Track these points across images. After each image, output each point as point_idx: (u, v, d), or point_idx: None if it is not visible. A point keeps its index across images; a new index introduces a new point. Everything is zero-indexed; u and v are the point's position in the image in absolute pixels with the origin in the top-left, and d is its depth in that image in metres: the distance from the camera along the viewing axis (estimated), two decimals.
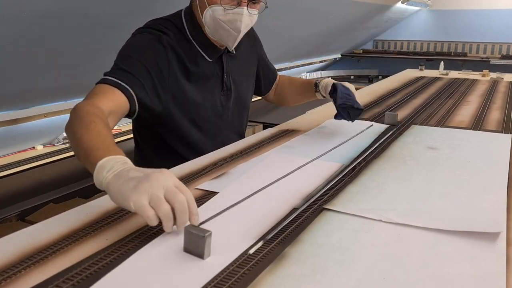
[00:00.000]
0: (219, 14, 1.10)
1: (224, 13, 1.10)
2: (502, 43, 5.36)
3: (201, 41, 1.17)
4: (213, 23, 1.12)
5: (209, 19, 1.12)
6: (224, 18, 1.10)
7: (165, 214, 0.64)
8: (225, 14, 1.10)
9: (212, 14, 1.10)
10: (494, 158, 1.10)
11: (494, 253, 0.65)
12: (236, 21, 1.11)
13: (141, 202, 0.63)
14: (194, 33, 1.16)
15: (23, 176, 2.15)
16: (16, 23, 1.56)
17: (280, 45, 3.88)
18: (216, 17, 1.10)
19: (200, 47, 1.17)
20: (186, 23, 1.17)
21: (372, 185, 0.91)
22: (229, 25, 1.11)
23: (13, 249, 0.64)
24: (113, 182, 0.68)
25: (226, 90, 1.24)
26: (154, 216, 0.64)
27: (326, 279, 0.58)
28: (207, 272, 0.59)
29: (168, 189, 0.65)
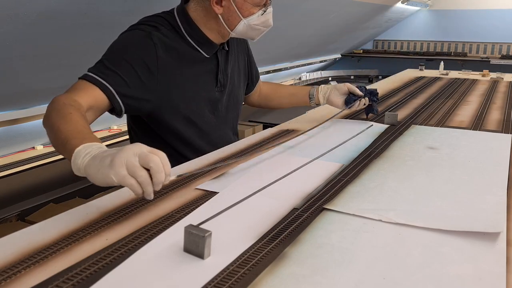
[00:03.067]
0: (254, 20, 1.16)
1: (257, 18, 1.16)
2: (502, 43, 5.36)
3: (198, 38, 1.18)
4: (246, 29, 1.18)
5: (243, 28, 1.17)
6: (258, 21, 1.17)
7: (143, 179, 0.67)
8: (258, 18, 1.17)
9: (247, 23, 1.16)
10: (494, 158, 1.10)
11: (494, 254, 0.65)
12: (269, 20, 1.19)
13: (121, 174, 0.66)
14: (190, 30, 1.17)
15: (23, 176, 2.15)
16: (16, 23, 1.56)
17: (280, 45, 3.88)
18: (251, 24, 1.17)
19: (196, 43, 1.18)
20: (180, 21, 1.17)
21: (372, 185, 0.91)
22: (262, 25, 1.19)
23: (13, 249, 0.64)
24: (90, 164, 0.71)
25: (220, 86, 1.25)
26: (136, 184, 0.67)
27: (326, 279, 0.58)
28: (207, 272, 0.59)
29: (141, 154, 0.68)
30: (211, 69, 1.22)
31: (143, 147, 0.69)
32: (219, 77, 1.24)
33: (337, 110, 1.46)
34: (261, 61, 4.01)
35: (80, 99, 0.96)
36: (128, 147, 0.69)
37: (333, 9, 3.85)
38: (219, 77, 1.24)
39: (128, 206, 0.80)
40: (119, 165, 0.67)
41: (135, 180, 0.67)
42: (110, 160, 0.68)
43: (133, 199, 0.82)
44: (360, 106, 1.44)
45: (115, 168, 0.67)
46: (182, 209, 0.79)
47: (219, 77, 1.24)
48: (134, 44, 1.10)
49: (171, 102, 1.15)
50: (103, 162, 0.68)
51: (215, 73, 1.23)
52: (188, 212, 0.77)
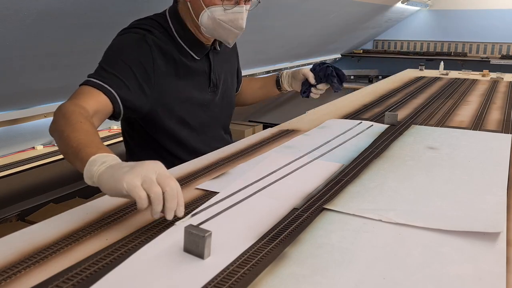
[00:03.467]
0: (219, 14, 1.10)
1: (224, 13, 1.10)
2: (502, 43, 5.35)
3: (188, 40, 1.18)
4: (212, 24, 1.12)
5: (207, 20, 1.12)
6: (225, 17, 1.11)
7: (156, 195, 0.65)
8: (225, 14, 1.10)
9: (210, 15, 1.11)
10: (494, 158, 1.10)
11: (494, 254, 0.65)
12: (237, 19, 1.12)
13: (134, 183, 0.65)
14: (181, 31, 1.17)
15: (23, 176, 2.15)
16: (16, 23, 1.56)
17: (280, 45, 3.88)
18: (216, 18, 1.11)
19: (187, 45, 1.17)
20: (172, 22, 1.17)
21: (372, 185, 0.91)
22: (230, 24, 1.12)
23: (13, 249, 0.64)
24: (106, 172, 0.70)
25: (213, 87, 1.25)
26: (145, 197, 0.65)
27: (326, 279, 0.58)
28: (207, 272, 0.59)
29: (161, 174, 0.67)
30: (204, 70, 1.22)
31: (163, 168, 0.69)
32: (211, 78, 1.24)
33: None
34: (261, 61, 4.01)
35: (86, 104, 0.96)
36: (150, 163, 0.68)
37: (333, 9, 3.85)
38: (211, 78, 1.24)
39: (128, 206, 0.80)
40: (135, 174, 0.66)
41: (145, 193, 0.65)
42: (127, 169, 0.67)
43: (133, 199, 0.82)
44: (318, 94, 1.38)
45: (130, 176, 0.65)
46: None
47: (211, 78, 1.24)
48: (130, 46, 1.09)
49: (165, 104, 1.15)
50: (120, 170, 0.68)
51: (208, 74, 1.23)
52: (188, 212, 0.77)
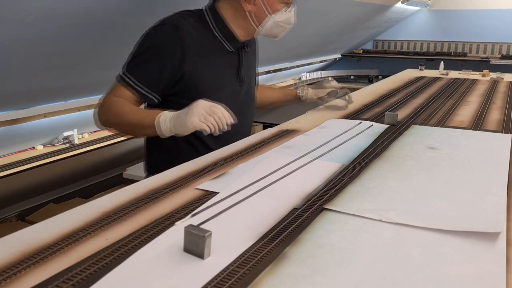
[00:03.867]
0: (279, 17, 1.26)
1: (282, 14, 1.26)
2: (502, 43, 5.35)
3: (224, 32, 1.27)
4: (272, 26, 1.27)
5: (270, 24, 1.27)
6: (282, 18, 1.27)
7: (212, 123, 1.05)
8: (282, 15, 1.26)
9: (274, 19, 1.26)
10: (494, 158, 1.10)
11: (494, 254, 0.65)
12: (291, 17, 1.29)
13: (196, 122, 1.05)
14: (218, 25, 1.27)
15: (23, 176, 2.15)
16: (16, 23, 1.56)
17: (280, 45, 3.88)
18: (277, 20, 1.26)
19: (223, 37, 1.27)
20: (210, 16, 1.27)
21: (372, 185, 0.91)
22: (285, 22, 1.28)
23: (13, 249, 0.64)
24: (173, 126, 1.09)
25: (240, 81, 1.33)
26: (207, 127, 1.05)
27: (326, 279, 0.58)
28: (207, 272, 0.59)
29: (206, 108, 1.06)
30: (234, 63, 1.31)
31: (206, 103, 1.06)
32: (240, 72, 1.32)
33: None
34: (261, 61, 4.00)
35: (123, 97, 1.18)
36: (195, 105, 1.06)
37: (333, 9, 3.85)
38: (240, 72, 1.32)
39: (128, 206, 0.80)
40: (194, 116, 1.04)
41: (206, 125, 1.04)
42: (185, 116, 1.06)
43: (133, 199, 0.82)
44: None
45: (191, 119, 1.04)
46: (182, 209, 0.79)
47: (240, 72, 1.32)
48: (162, 40, 1.19)
49: (195, 90, 1.23)
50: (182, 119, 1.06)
51: (237, 68, 1.32)
52: (188, 212, 0.77)
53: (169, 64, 1.19)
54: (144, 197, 0.84)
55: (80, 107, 2.43)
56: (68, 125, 2.48)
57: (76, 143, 2.50)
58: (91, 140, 2.58)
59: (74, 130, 2.50)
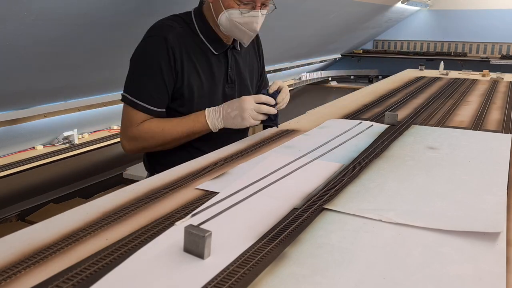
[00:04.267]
0: (236, 17, 1.18)
1: (240, 16, 1.18)
2: (502, 43, 5.35)
3: (209, 36, 1.25)
4: (230, 25, 1.20)
5: (225, 21, 1.20)
6: (241, 20, 1.18)
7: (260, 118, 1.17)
8: (241, 17, 1.18)
9: (228, 17, 1.18)
10: (494, 158, 1.10)
11: (494, 254, 0.65)
12: (252, 23, 1.20)
13: (250, 122, 1.16)
14: (202, 27, 1.25)
15: (23, 176, 2.15)
16: (16, 23, 1.56)
17: (280, 45, 3.88)
18: (233, 20, 1.18)
19: (208, 41, 1.25)
20: (195, 19, 1.25)
21: (372, 185, 0.91)
22: (245, 26, 1.19)
23: (13, 249, 0.64)
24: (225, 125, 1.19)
25: (230, 83, 1.31)
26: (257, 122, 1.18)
27: (326, 279, 0.58)
28: (207, 272, 0.59)
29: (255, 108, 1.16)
30: (222, 66, 1.29)
31: (252, 103, 1.15)
32: (229, 74, 1.30)
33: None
34: None
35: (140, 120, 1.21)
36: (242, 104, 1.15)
37: (333, 9, 3.85)
38: (229, 74, 1.30)
39: (128, 206, 0.80)
40: (248, 118, 1.15)
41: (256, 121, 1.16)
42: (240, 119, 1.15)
43: (133, 199, 0.82)
44: None
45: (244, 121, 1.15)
46: (182, 209, 0.79)
47: (229, 74, 1.30)
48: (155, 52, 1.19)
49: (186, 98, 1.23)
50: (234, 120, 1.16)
51: (225, 70, 1.29)
52: (188, 212, 0.77)
53: (169, 75, 1.20)
54: (144, 197, 0.84)
55: (80, 107, 2.43)
56: (68, 125, 2.48)
57: (76, 143, 2.50)
58: (91, 140, 2.58)
59: (74, 130, 2.50)
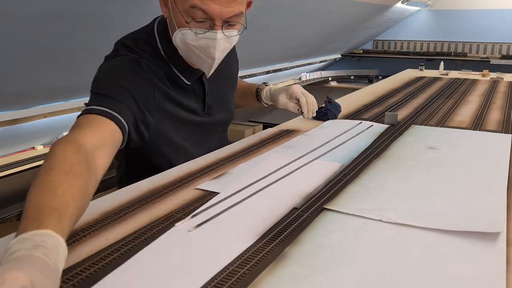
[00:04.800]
0: (190, 39, 0.97)
1: (195, 37, 0.96)
2: (502, 43, 5.36)
3: (178, 63, 1.05)
4: (185, 48, 0.99)
5: (179, 43, 0.99)
6: (196, 43, 0.97)
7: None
8: (196, 38, 0.96)
9: (182, 38, 0.97)
10: (494, 158, 1.10)
11: (494, 254, 0.65)
12: (209, 47, 0.97)
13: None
14: (169, 53, 1.04)
15: (23, 176, 2.15)
16: (16, 23, 1.56)
17: (280, 45, 3.88)
18: (187, 42, 0.97)
19: (178, 69, 1.05)
20: (160, 42, 1.04)
21: (372, 185, 0.91)
22: (202, 51, 0.98)
23: None
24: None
25: (207, 109, 1.14)
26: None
27: (326, 279, 0.58)
28: (207, 272, 0.59)
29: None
30: (197, 94, 1.11)
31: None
32: (206, 102, 1.13)
33: None
34: (261, 61, 4.01)
35: (85, 137, 0.78)
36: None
37: (333, 9, 3.85)
38: (206, 102, 1.13)
39: (128, 206, 0.80)
40: None
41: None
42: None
43: (133, 199, 0.82)
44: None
45: None
46: (182, 209, 0.79)
47: (206, 102, 1.13)
48: (127, 70, 0.98)
49: (164, 132, 1.05)
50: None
51: (202, 98, 1.12)
52: (188, 212, 0.77)
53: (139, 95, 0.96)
54: (144, 197, 0.84)
55: (80, 107, 2.43)
56: (68, 125, 2.45)
57: None
58: None
59: None
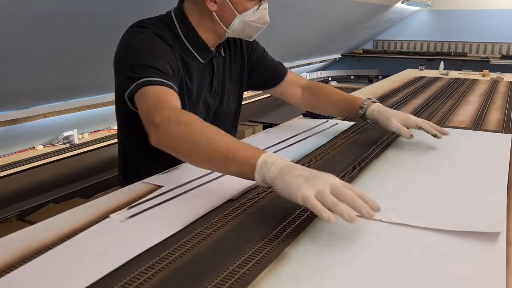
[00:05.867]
0: (249, 17, 1.13)
1: (253, 14, 1.13)
2: (502, 43, 5.36)
3: (195, 42, 1.15)
4: (243, 26, 1.14)
5: (238, 25, 1.13)
6: (254, 17, 1.13)
7: (330, 202, 0.67)
8: (253, 14, 1.13)
9: (243, 20, 1.12)
10: (494, 158, 1.10)
11: (494, 254, 0.65)
12: (264, 16, 1.15)
13: (308, 195, 0.68)
14: (187, 33, 1.15)
15: (23, 176, 2.15)
16: (16, 23, 1.56)
17: (280, 45, 3.88)
18: (247, 20, 1.13)
19: (194, 48, 1.15)
20: (178, 24, 1.15)
21: (372, 185, 0.91)
22: (258, 21, 1.14)
23: (13, 249, 0.64)
24: (279, 176, 0.72)
25: (214, 93, 1.22)
26: (321, 207, 0.67)
27: (326, 279, 0.58)
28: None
29: (334, 186, 0.70)
30: (207, 74, 1.20)
31: (337, 181, 0.71)
32: (213, 84, 1.21)
33: None
34: None
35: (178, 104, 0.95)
36: (323, 177, 0.71)
37: (333, 9, 3.85)
38: (213, 84, 1.21)
39: (128, 206, 0.80)
40: (310, 188, 0.69)
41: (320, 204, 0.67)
42: (303, 180, 0.70)
43: (133, 199, 0.82)
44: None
45: (305, 189, 0.69)
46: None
47: (213, 84, 1.21)
48: (159, 43, 1.06)
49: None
50: (295, 180, 0.71)
51: (210, 80, 1.21)
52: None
53: (172, 63, 1.05)
54: (144, 197, 0.84)
55: (80, 107, 2.43)
56: (68, 125, 2.48)
57: (76, 143, 2.50)
58: (91, 140, 2.58)
59: (74, 130, 2.50)
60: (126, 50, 1.06)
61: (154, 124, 0.87)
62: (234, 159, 0.77)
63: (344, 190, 0.69)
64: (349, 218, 0.65)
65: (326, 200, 0.67)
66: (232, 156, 0.78)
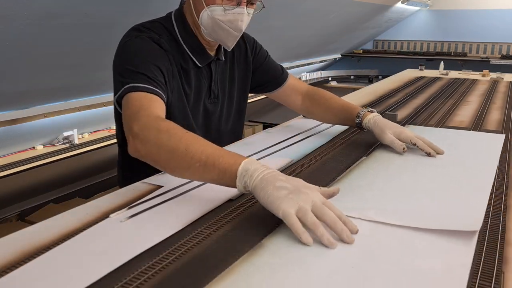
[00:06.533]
0: (218, 14, 1.07)
1: (223, 13, 1.07)
2: (502, 43, 5.36)
3: (193, 46, 1.14)
4: (211, 24, 1.09)
5: (206, 20, 1.08)
6: (224, 18, 1.07)
7: (311, 222, 0.66)
8: (224, 14, 1.07)
9: (210, 14, 1.07)
10: (484, 158, 1.11)
11: (464, 247, 0.66)
12: (237, 21, 1.08)
13: (289, 211, 0.67)
14: (185, 36, 1.14)
15: (23, 176, 2.15)
16: (16, 23, 1.56)
17: (280, 45, 3.88)
18: (215, 17, 1.07)
19: (191, 52, 1.14)
20: (177, 26, 1.14)
21: (361, 183, 0.92)
22: (229, 25, 1.08)
23: (13, 249, 0.64)
24: (261, 186, 0.71)
25: (213, 98, 1.21)
26: (301, 228, 0.66)
27: (301, 269, 0.60)
28: (122, 258, 0.60)
29: (316, 204, 0.69)
30: (205, 79, 1.18)
31: (319, 198, 0.70)
32: (212, 88, 1.20)
33: None
34: None
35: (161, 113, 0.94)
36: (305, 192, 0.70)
37: (333, 9, 3.85)
38: (212, 88, 1.20)
39: (128, 206, 0.80)
40: (292, 204, 0.68)
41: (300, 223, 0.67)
42: (284, 194, 0.69)
43: (133, 199, 0.82)
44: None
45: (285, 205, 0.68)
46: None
47: (212, 88, 1.20)
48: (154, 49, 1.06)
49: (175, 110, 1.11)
50: (276, 192, 0.70)
51: (209, 84, 1.19)
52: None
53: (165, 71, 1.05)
54: (144, 197, 0.84)
55: (80, 107, 2.43)
56: (68, 125, 2.48)
57: (76, 143, 2.50)
58: (91, 140, 2.59)
59: (74, 130, 2.50)
60: (120, 54, 1.07)
61: (132, 133, 0.87)
62: (214, 166, 0.76)
63: (326, 210, 0.68)
64: (328, 243, 0.65)
65: (307, 220, 0.66)
66: (212, 163, 0.76)
